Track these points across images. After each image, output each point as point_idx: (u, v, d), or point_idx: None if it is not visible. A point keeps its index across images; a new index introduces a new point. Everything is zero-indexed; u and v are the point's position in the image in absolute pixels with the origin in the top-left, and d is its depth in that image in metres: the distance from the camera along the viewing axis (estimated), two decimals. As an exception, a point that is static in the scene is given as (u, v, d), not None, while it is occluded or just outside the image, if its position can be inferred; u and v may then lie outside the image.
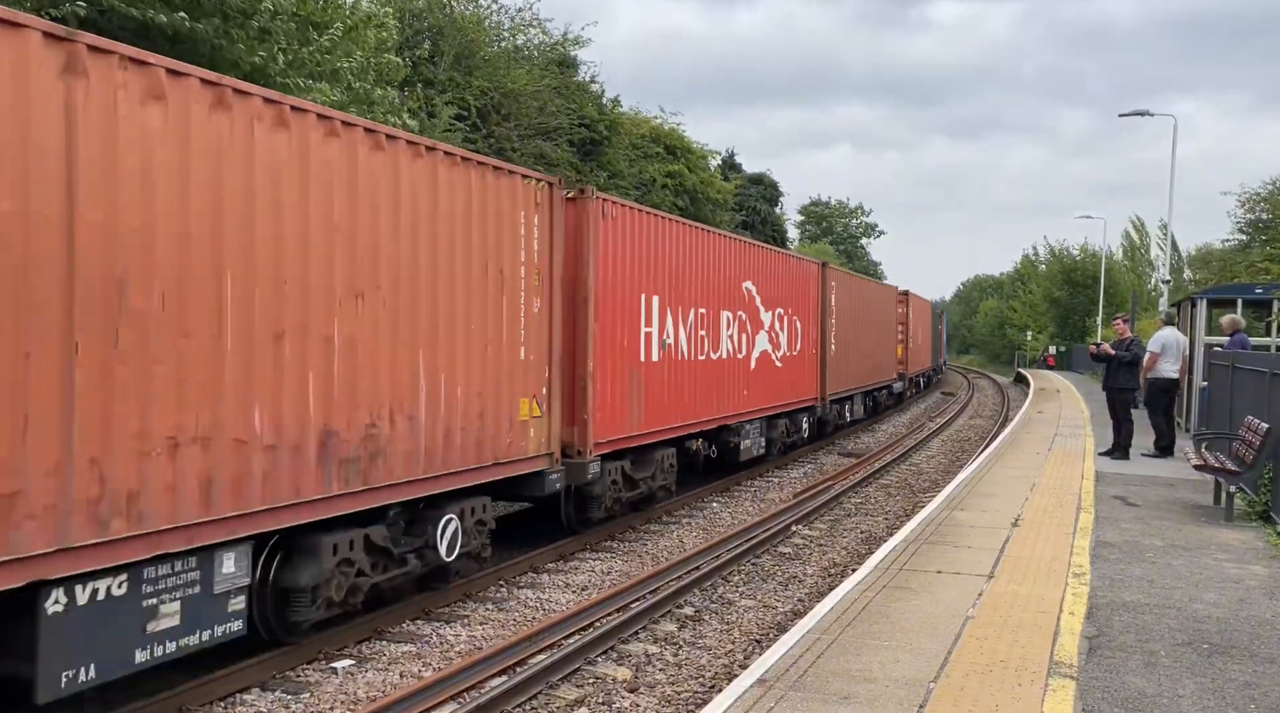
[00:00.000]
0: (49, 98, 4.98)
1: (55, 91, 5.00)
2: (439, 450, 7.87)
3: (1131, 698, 5.19)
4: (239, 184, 6.02)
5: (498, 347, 8.68)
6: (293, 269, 6.42)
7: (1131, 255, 63.86)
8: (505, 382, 8.80)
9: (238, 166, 6.01)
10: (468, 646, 7.60)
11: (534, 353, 9.26)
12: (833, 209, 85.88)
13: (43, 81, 4.94)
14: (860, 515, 13.30)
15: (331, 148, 6.72)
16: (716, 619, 8.47)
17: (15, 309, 4.82)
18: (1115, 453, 14.88)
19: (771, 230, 42.33)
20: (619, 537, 11.53)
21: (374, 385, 7.14)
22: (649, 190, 26.01)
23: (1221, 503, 10.61)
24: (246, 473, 6.08)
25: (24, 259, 4.85)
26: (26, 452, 4.85)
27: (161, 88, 5.52)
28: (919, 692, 5.21)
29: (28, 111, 4.88)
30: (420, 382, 7.65)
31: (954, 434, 24.35)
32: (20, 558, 4.84)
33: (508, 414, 8.85)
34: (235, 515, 6.00)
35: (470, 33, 20.45)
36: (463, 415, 8.17)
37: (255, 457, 6.13)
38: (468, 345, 8.24)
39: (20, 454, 4.83)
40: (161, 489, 5.51)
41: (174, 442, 5.59)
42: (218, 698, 6.37)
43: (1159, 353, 14.49)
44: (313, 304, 6.58)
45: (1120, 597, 7.15)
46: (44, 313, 4.94)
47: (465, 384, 8.21)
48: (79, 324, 5.09)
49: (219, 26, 9.50)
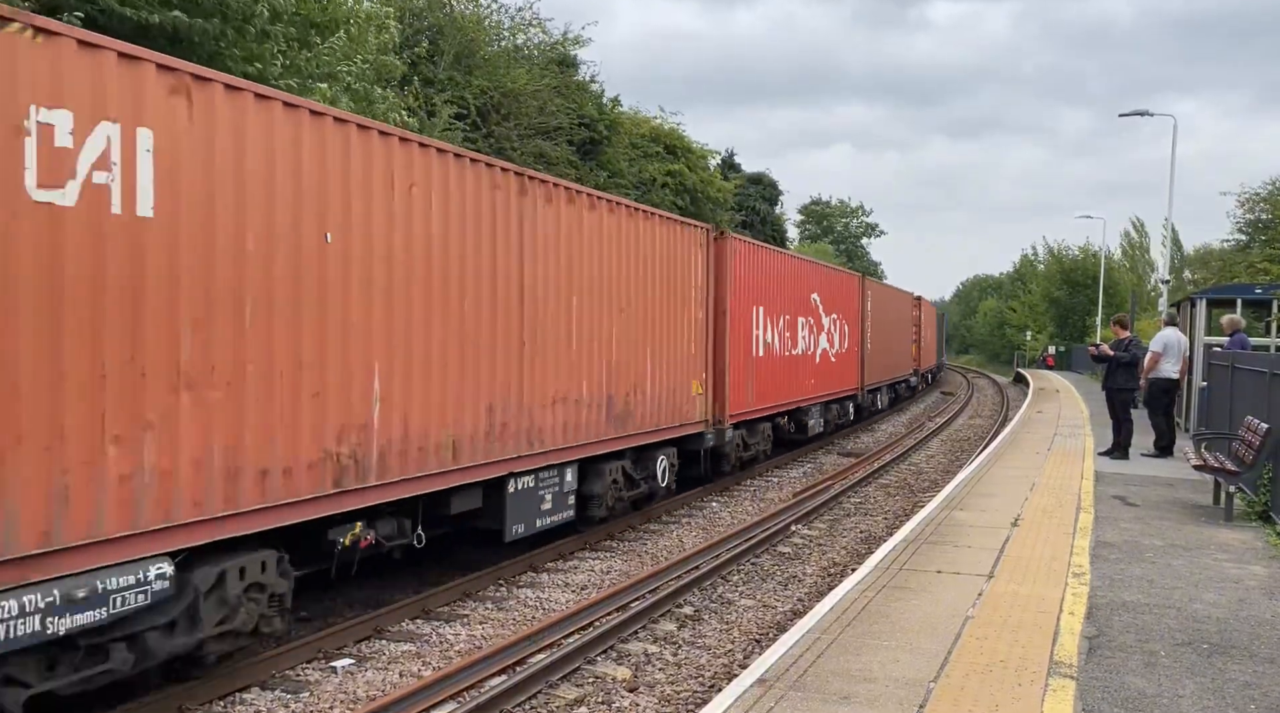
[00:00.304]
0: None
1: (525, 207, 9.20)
2: (654, 413, 11.82)
3: (1131, 698, 5.19)
4: (583, 247, 10.20)
5: (682, 343, 12.64)
6: (594, 295, 10.41)
7: (1131, 256, 63.89)
8: (684, 368, 12.70)
9: (583, 237, 10.20)
10: (467, 645, 7.60)
11: (697, 348, 13.15)
12: (833, 209, 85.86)
13: (508, 201, 8.91)
14: (860, 515, 13.30)
15: (610, 218, 10.75)
16: (716, 619, 8.46)
17: (519, 329, 9.07)
18: (1115, 453, 14.88)
19: (771, 230, 42.31)
20: (618, 536, 11.53)
21: (627, 369, 11.12)
22: (649, 190, 25.99)
23: (1221, 503, 10.61)
24: (577, 422, 10.08)
25: (531, 307, 9.29)
26: (509, 400, 8.85)
27: (583, 201, 10.20)
28: (919, 692, 5.21)
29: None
30: (647, 366, 11.61)
31: (953, 434, 24.35)
32: (502, 460, 8.81)
33: (685, 391, 12.76)
34: (571, 446, 10.00)
35: (470, 32, 20.43)
36: (665, 390, 12.11)
37: (581, 411, 10.14)
38: (667, 343, 12.18)
39: (505, 402, 8.79)
40: (549, 429, 9.52)
41: (554, 399, 9.59)
42: (217, 697, 6.36)
43: (1161, 353, 14.49)
44: (603, 318, 10.59)
45: (1120, 597, 7.15)
46: (511, 334, 8.95)
47: (666, 369, 12.15)
48: (526, 336, 9.16)
49: (218, 27, 9.49)
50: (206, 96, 5.85)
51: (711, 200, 30.46)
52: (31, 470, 4.91)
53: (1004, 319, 77.43)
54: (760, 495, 14.70)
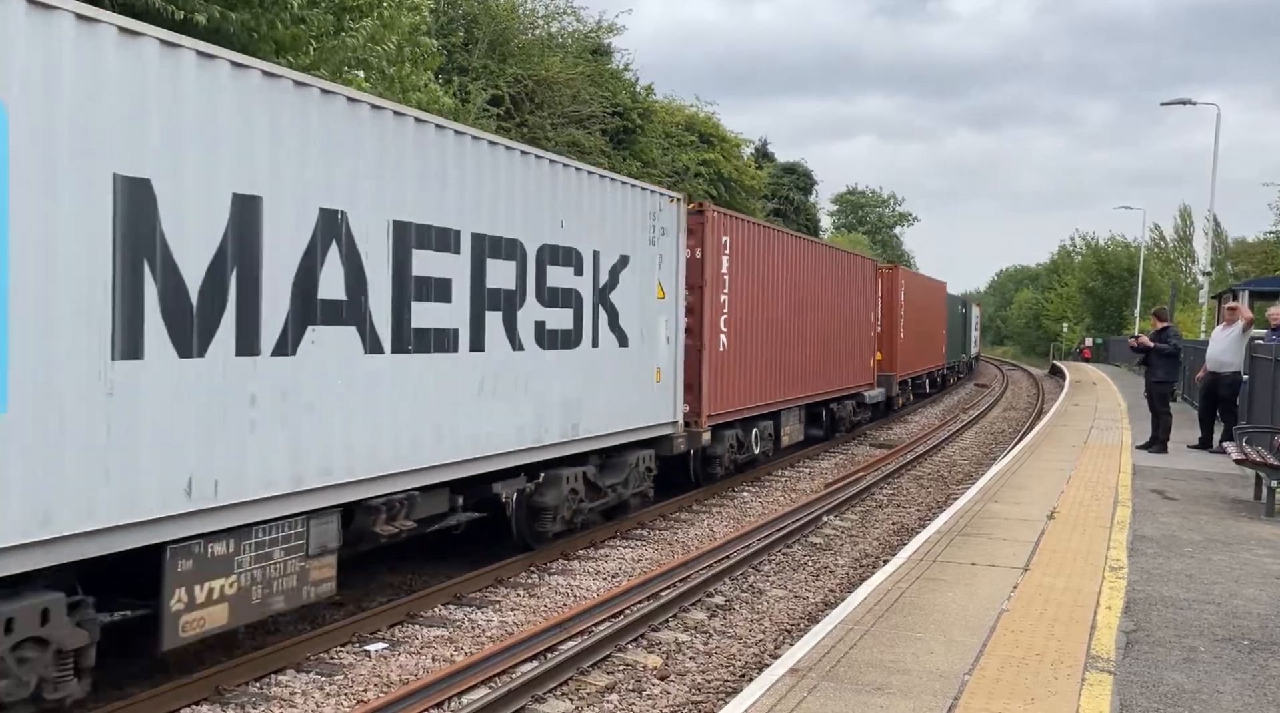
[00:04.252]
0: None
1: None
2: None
3: (1170, 693, 5.12)
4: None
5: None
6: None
7: (1166, 248, 62.90)
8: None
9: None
10: (499, 631, 7.63)
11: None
12: (867, 199, 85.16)
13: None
14: (892, 507, 13.22)
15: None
16: (747, 609, 8.45)
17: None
18: (1153, 446, 14.66)
19: (805, 219, 42.06)
20: (649, 525, 11.52)
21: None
22: (682, 178, 25.92)
23: (1262, 498, 10.43)
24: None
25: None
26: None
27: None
28: (953, 683, 5.16)
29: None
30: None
31: (987, 426, 24.13)
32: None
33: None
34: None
35: (504, 20, 20.45)
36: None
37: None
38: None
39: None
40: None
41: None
42: (254, 678, 6.44)
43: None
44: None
45: (1158, 591, 7.05)
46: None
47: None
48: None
49: (254, 18, 9.50)
50: None
51: (746, 189, 30.33)
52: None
53: (1040, 311, 76.60)
54: (791, 486, 14.65)
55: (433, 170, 7.37)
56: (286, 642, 6.86)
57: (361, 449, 6.72)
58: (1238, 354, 14.19)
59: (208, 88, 5.58)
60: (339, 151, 6.52)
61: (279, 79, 6.08)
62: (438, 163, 7.42)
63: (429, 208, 7.33)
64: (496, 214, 8.13)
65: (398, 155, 7.02)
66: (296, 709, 6.06)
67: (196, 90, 5.51)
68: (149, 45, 5.26)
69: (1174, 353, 14.67)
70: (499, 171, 8.17)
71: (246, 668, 6.45)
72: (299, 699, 6.19)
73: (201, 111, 5.55)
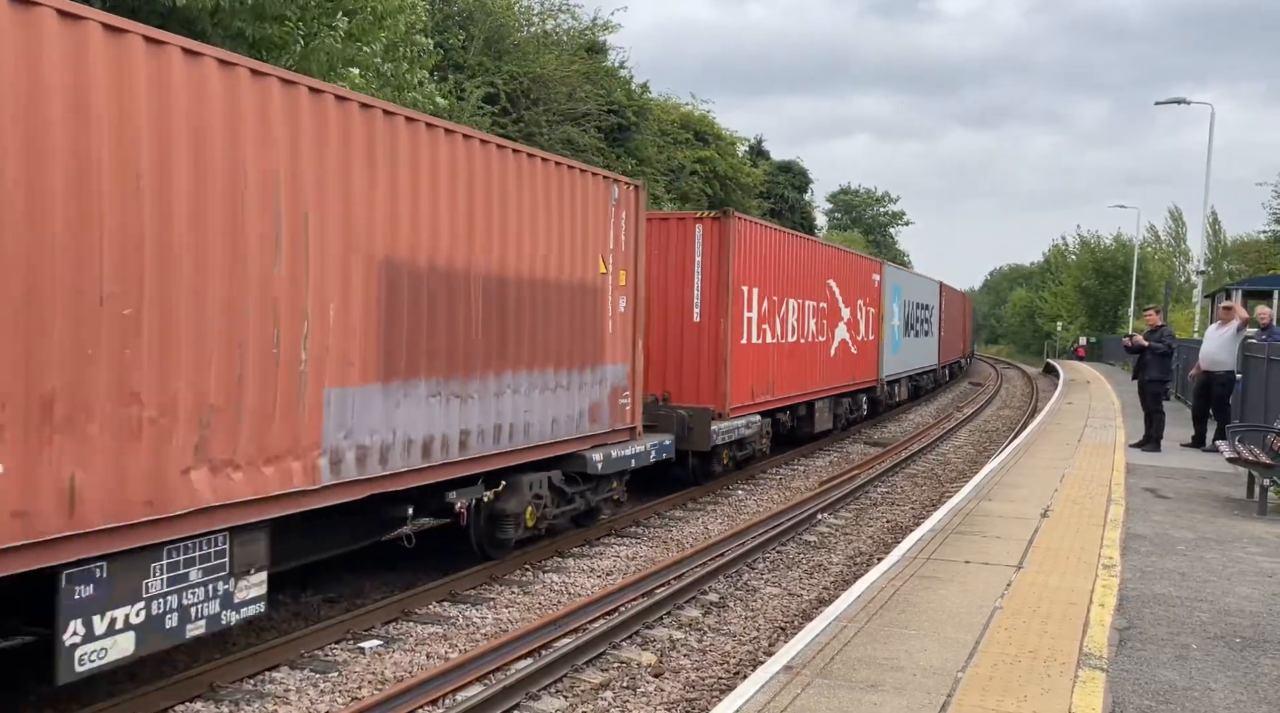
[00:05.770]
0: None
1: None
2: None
3: (1163, 691, 5.14)
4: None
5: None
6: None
7: (1158, 247, 63.04)
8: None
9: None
10: (494, 628, 7.64)
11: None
12: (861, 198, 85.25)
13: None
14: (886, 505, 13.24)
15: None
16: (741, 606, 8.46)
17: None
18: (1146, 445, 14.70)
19: (800, 218, 42.07)
20: (643, 522, 11.53)
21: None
22: (677, 177, 25.92)
23: (1255, 497, 10.47)
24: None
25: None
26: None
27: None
28: (947, 681, 5.18)
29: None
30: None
31: (981, 425, 24.17)
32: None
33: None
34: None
35: (500, 17, 20.43)
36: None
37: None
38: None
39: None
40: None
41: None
42: (247, 675, 6.43)
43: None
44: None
45: (1151, 589, 7.08)
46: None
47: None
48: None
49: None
50: None
51: (741, 187, 30.34)
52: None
53: (1035, 309, 76.69)
54: (786, 484, 14.66)
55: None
56: (281, 639, 6.85)
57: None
58: (1232, 353, 14.22)
59: None
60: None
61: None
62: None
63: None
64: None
65: None
66: (291, 707, 6.06)
67: None
68: None
69: (1168, 352, 14.69)
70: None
71: (240, 665, 6.44)
72: (293, 697, 6.19)
73: None
